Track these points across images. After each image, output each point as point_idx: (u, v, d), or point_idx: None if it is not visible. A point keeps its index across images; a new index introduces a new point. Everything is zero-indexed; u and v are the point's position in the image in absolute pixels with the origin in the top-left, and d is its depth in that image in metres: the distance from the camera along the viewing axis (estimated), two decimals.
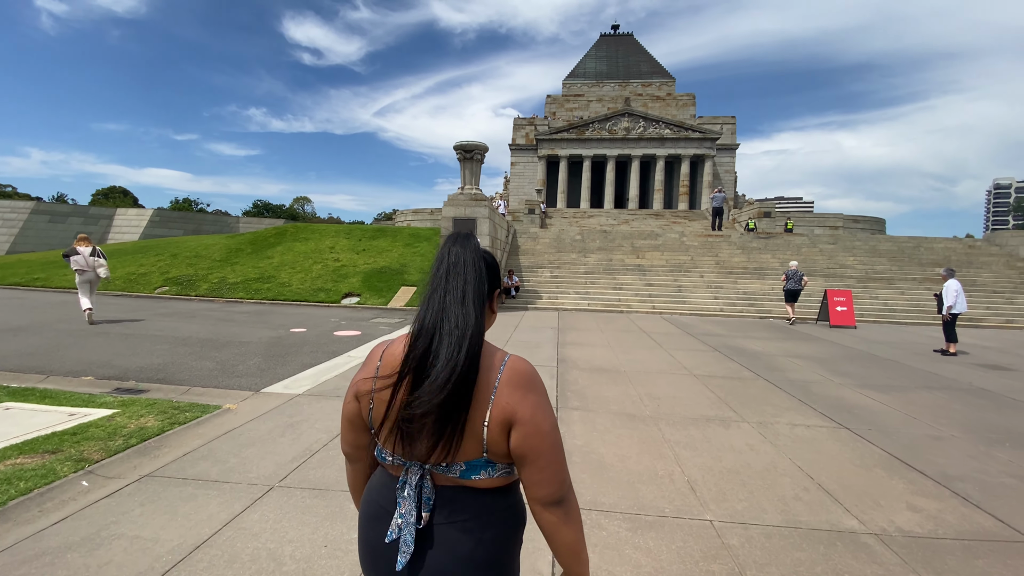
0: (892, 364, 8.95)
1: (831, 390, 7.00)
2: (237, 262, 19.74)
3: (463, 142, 15.15)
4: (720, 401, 6.23)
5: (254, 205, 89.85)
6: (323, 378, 6.88)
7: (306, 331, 10.83)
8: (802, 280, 14.18)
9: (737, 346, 10.29)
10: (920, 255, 19.84)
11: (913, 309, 15.73)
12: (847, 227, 30.48)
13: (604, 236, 22.80)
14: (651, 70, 61.36)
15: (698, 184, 50.72)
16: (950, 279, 10.25)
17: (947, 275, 10.34)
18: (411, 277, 17.67)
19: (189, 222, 40.15)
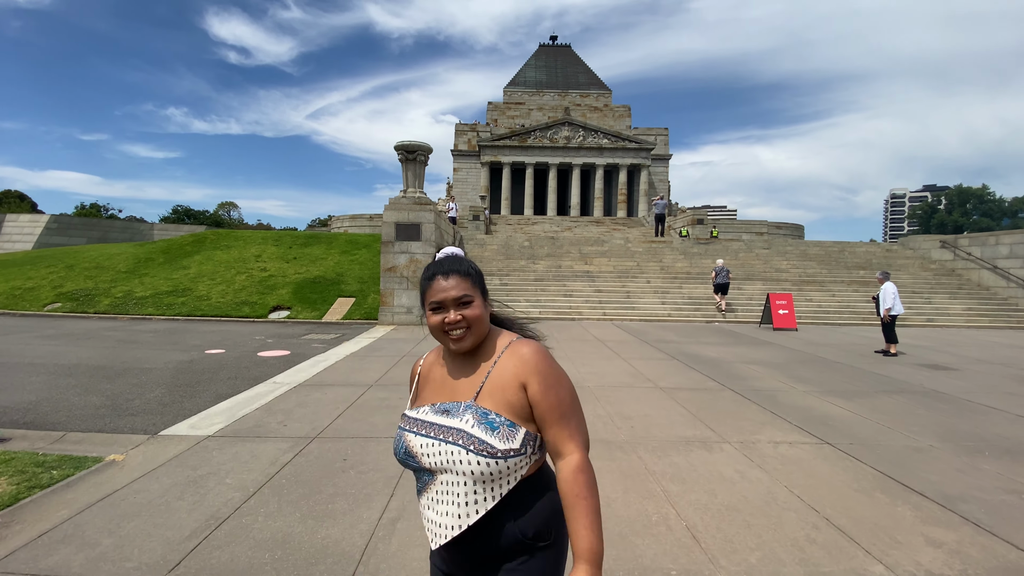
0: (843, 368, 9.00)
1: (798, 399, 6.78)
2: (147, 273, 17.58)
3: (405, 142, 14.22)
4: (694, 418, 5.78)
5: (173, 211, 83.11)
6: (241, 412, 5.78)
7: (224, 352, 9.48)
8: (728, 275, 15.96)
9: (693, 353, 10.07)
10: (845, 259, 21.04)
11: (844, 310, 16.48)
12: (771, 233, 32.16)
13: (552, 242, 22.50)
14: (588, 81, 62.78)
15: (635, 192, 52.18)
16: (886, 282, 10.60)
17: (883, 278, 10.68)
18: (349, 287, 16.40)
19: (94, 229, 36.00)
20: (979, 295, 17.81)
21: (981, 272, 18.72)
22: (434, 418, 1.31)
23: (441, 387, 1.38)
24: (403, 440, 1.34)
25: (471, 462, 1.22)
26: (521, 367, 1.30)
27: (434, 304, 1.33)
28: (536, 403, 1.27)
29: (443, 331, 1.33)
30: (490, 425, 1.25)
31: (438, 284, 1.34)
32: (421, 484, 1.33)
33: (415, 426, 1.33)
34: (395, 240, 14.18)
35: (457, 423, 1.27)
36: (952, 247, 20.18)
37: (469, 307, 1.33)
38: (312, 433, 5.07)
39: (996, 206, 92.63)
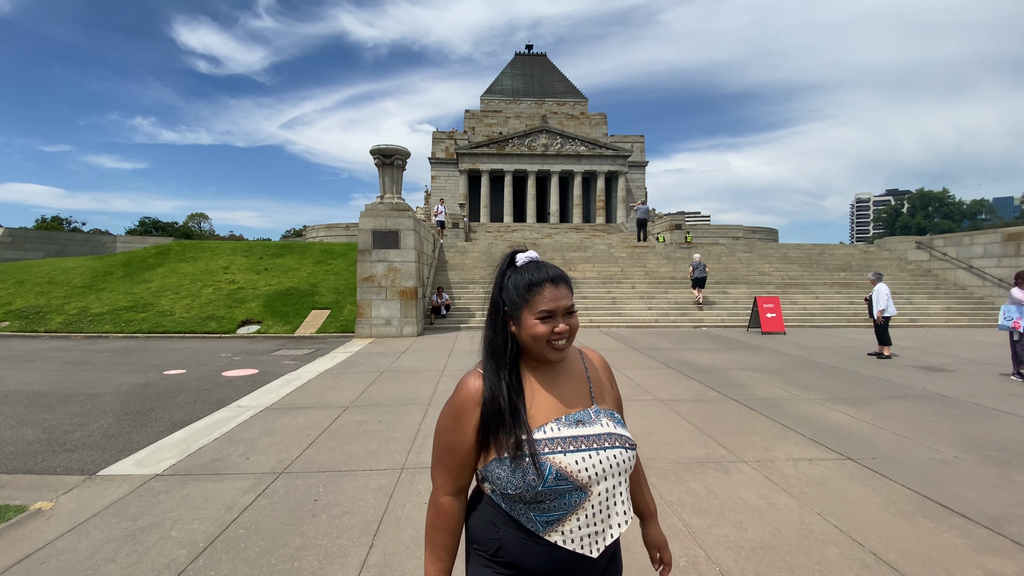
0: (842, 372, 8.73)
1: (804, 408, 6.41)
2: (105, 288, 16.48)
3: (382, 146, 13.61)
4: (702, 434, 5.34)
5: (140, 223, 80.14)
6: (197, 444, 5.11)
7: (185, 373, 8.70)
8: (704, 268, 16.83)
9: (687, 360, 9.70)
10: (825, 261, 21.17)
11: (829, 312, 16.43)
12: (747, 237, 32.42)
13: (534, 248, 21.99)
14: (565, 90, 63.07)
15: (613, 199, 52.41)
16: (879, 283, 10.44)
17: (876, 279, 10.53)
18: (324, 299, 15.64)
19: (52, 243, 34.11)
20: (956, 294, 18.03)
21: (957, 272, 19.00)
22: (573, 431, 1.28)
23: (547, 401, 1.32)
24: (550, 465, 1.22)
25: (627, 459, 1.30)
26: (605, 370, 1.46)
27: (545, 313, 1.29)
28: (617, 401, 1.44)
29: (548, 341, 1.29)
30: (619, 422, 1.36)
31: (551, 292, 1.30)
32: (561, 510, 1.23)
33: (558, 445, 1.25)
34: (372, 248, 13.52)
35: (600, 428, 1.30)
36: (928, 248, 20.48)
37: (573, 316, 1.33)
38: (278, 467, 4.44)
39: (956, 208, 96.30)
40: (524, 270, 1.34)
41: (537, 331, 1.28)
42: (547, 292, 1.29)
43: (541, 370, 1.35)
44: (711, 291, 17.89)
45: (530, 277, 1.31)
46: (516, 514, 1.25)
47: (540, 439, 1.24)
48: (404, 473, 4.28)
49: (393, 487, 4.01)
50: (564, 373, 1.37)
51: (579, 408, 1.32)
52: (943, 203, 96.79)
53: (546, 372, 1.35)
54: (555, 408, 1.31)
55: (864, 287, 18.47)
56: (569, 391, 1.35)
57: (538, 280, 1.30)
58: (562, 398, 1.33)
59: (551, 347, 1.29)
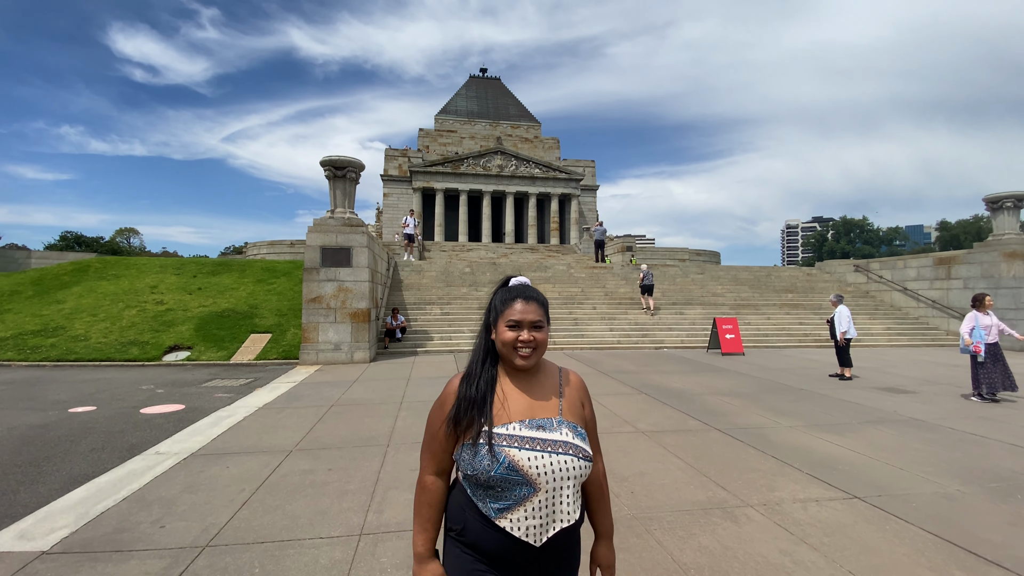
0: (812, 396, 8.63)
1: (789, 437, 6.13)
2: (9, 309, 14.44)
3: (333, 157, 12.73)
4: (696, 473, 4.88)
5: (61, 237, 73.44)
6: (100, 506, 4.11)
7: (95, 410, 7.43)
8: (652, 277, 18.18)
9: (657, 384, 9.36)
10: (773, 282, 21.89)
11: (781, 333, 16.80)
12: (692, 259, 33.43)
13: (494, 268, 21.53)
14: (519, 113, 63.91)
15: (567, 221, 53.05)
16: (840, 305, 10.59)
17: (837, 301, 10.68)
18: (264, 321, 14.34)
19: None
20: (894, 315, 18.99)
21: (892, 294, 20.09)
22: (532, 433, 1.45)
23: (518, 405, 1.50)
24: (505, 456, 1.40)
25: (578, 467, 1.45)
26: (581, 391, 1.63)
27: (512, 322, 1.50)
28: (587, 420, 1.60)
29: (513, 347, 1.50)
30: (580, 435, 1.50)
31: (520, 306, 1.52)
32: (512, 499, 1.41)
33: (515, 442, 1.42)
34: (320, 266, 12.50)
35: (558, 436, 1.46)
36: (865, 271, 21.62)
37: (540, 331, 1.52)
38: (202, 538, 3.56)
39: (874, 235, 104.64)
40: (510, 288, 1.59)
41: (505, 336, 1.50)
42: (518, 305, 1.51)
43: (518, 378, 1.54)
44: (668, 312, 17.94)
45: (510, 293, 1.56)
46: (477, 499, 1.44)
47: (501, 433, 1.43)
48: (363, 541, 3.51)
49: (350, 562, 3.24)
50: (538, 384, 1.55)
51: (545, 416, 1.49)
52: (863, 229, 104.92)
53: (522, 381, 1.54)
54: (522, 411, 1.48)
55: (811, 309, 19.14)
56: (539, 400, 1.52)
57: (513, 295, 1.54)
58: (530, 405, 1.50)
59: (517, 354, 1.50)
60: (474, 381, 1.52)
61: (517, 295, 1.54)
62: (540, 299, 1.55)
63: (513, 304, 1.52)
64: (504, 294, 1.57)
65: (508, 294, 1.56)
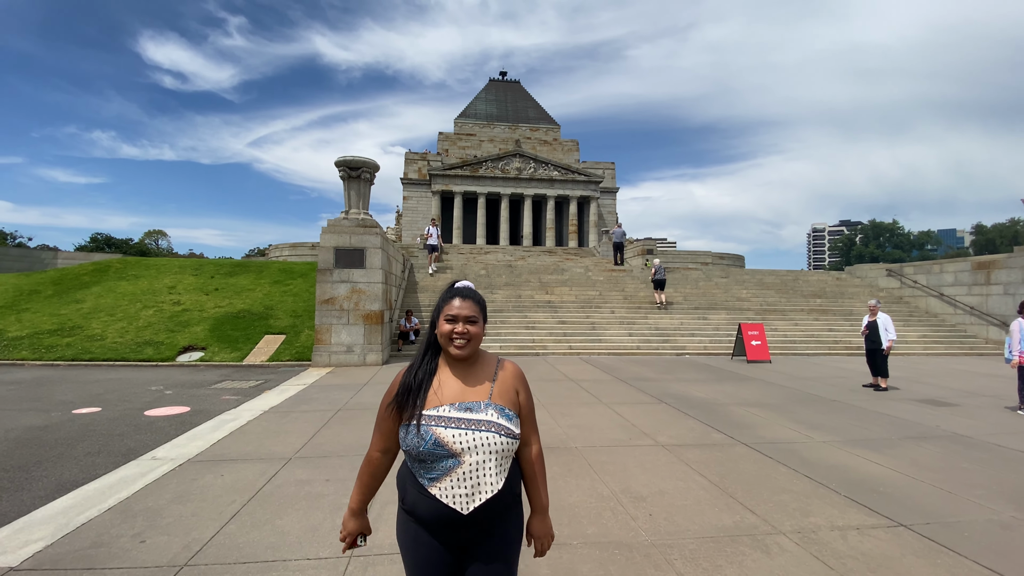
0: (846, 408, 8.07)
1: (823, 453, 5.64)
2: (28, 308, 14.66)
3: (348, 158, 12.59)
4: (721, 493, 4.46)
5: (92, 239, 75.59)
6: (82, 517, 3.89)
7: (99, 411, 7.33)
8: (664, 271, 18.55)
9: (679, 394, 8.90)
10: (800, 287, 21.08)
11: (810, 340, 16.08)
12: (715, 263, 32.54)
13: (510, 271, 21.22)
14: (538, 116, 63.69)
15: (585, 224, 52.50)
16: (880, 312, 9.98)
17: (878, 307, 10.04)
18: (279, 322, 14.28)
19: None
20: (929, 322, 18.06)
21: (928, 299, 19.12)
22: (460, 414, 1.67)
23: (451, 391, 1.72)
24: (432, 434, 1.63)
25: (500, 443, 1.66)
26: (515, 379, 1.83)
27: (449, 316, 1.75)
28: (522, 405, 1.81)
29: (449, 338, 1.74)
30: (507, 416, 1.71)
31: (457, 302, 1.77)
32: (440, 470, 1.64)
33: (443, 422, 1.65)
34: (334, 267, 12.35)
35: (483, 416, 1.68)
36: (898, 275, 20.66)
37: (474, 325, 1.76)
38: (181, 556, 3.30)
39: (905, 239, 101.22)
40: (452, 289, 1.84)
41: (442, 328, 1.75)
42: (455, 302, 1.77)
43: (456, 367, 1.78)
44: (690, 317, 17.36)
45: (451, 292, 1.81)
46: (414, 471, 1.69)
47: (430, 415, 1.67)
48: (353, 565, 3.20)
49: None
50: (473, 373, 1.78)
51: (474, 399, 1.71)
52: (894, 233, 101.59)
53: (459, 369, 1.78)
54: (454, 396, 1.72)
55: (841, 314, 18.31)
56: (471, 386, 1.74)
57: (453, 294, 1.80)
58: (462, 390, 1.73)
59: (452, 344, 1.74)
60: (413, 371, 1.77)
61: (456, 294, 1.79)
62: (476, 298, 1.81)
63: (451, 301, 1.77)
64: (446, 293, 1.82)
65: (449, 293, 1.81)
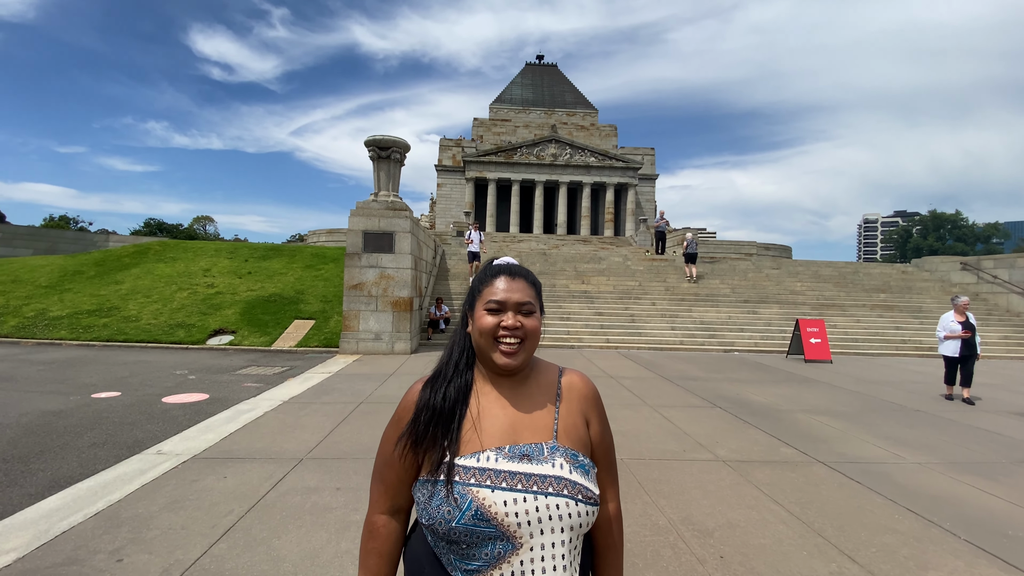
0: (933, 420, 6.99)
1: (921, 479, 4.70)
2: (70, 289, 14.93)
3: (377, 137, 12.06)
4: (807, 529, 3.63)
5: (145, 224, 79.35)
6: (65, 523, 3.44)
7: (118, 396, 7.06)
8: (696, 246, 18.56)
9: (734, 397, 7.98)
10: (861, 280, 19.41)
11: (874, 338, 14.68)
12: (760, 254, 30.70)
13: (544, 259, 20.44)
14: (575, 100, 62.06)
15: (622, 211, 50.91)
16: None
17: (967, 305, 8.77)
18: (309, 307, 14.02)
19: (41, 240, 32.82)
20: (1012, 322, 16.23)
21: (1010, 296, 17.21)
22: (514, 466, 1.03)
23: (497, 424, 1.09)
24: (471, 499, 0.99)
25: (580, 513, 1.03)
26: (586, 400, 1.20)
27: (493, 304, 1.12)
28: (595, 443, 1.18)
29: (494, 337, 1.10)
30: (583, 468, 1.08)
31: (503, 283, 1.14)
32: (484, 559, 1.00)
33: (489, 479, 1.01)
34: (362, 252, 11.90)
35: (549, 469, 1.04)
36: (975, 269, 18.72)
37: (530, 316, 1.13)
38: None
39: (969, 231, 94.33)
40: (491, 266, 1.21)
41: (483, 323, 1.11)
42: (499, 282, 1.14)
43: (499, 386, 1.15)
44: (739, 311, 16.15)
45: (491, 270, 1.18)
46: (441, 554, 1.04)
47: (469, 466, 1.03)
48: None
49: None
50: (526, 395, 1.14)
51: (533, 440, 1.08)
52: (956, 225, 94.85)
53: (504, 389, 1.14)
54: (501, 434, 1.08)
55: (909, 311, 16.68)
56: (526, 417, 1.11)
57: (495, 271, 1.17)
58: (513, 424, 1.10)
59: (498, 348, 1.10)
60: (441, 386, 1.14)
61: (500, 271, 1.17)
62: (531, 278, 1.18)
63: (494, 282, 1.15)
64: (484, 271, 1.20)
65: (490, 271, 1.19)
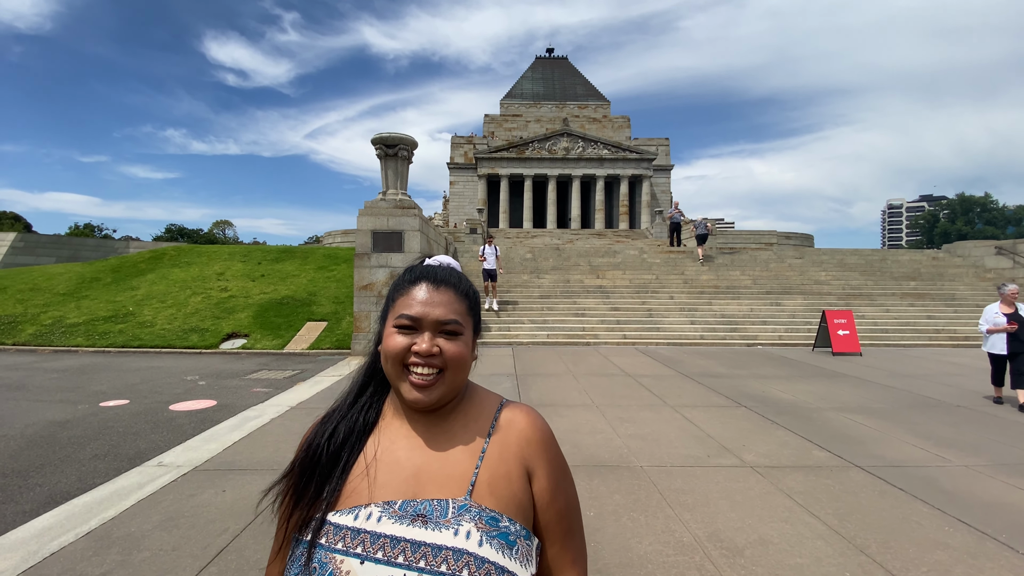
0: (976, 416, 6.52)
1: (969, 484, 4.30)
2: (87, 296, 15.09)
3: (384, 135, 11.86)
4: (848, 545, 3.29)
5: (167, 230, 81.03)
6: (56, 543, 3.29)
7: (126, 404, 6.97)
8: (706, 227, 19.44)
9: (759, 395, 7.59)
10: (889, 268, 18.67)
11: (905, 329, 14.04)
12: (780, 243, 29.81)
13: (557, 254, 20.10)
14: (587, 93, 61.30)
15: (637, 204, 50.18)
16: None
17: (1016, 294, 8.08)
18: (321, 308, 13.93)
19: (63, 248, 33.56)
20: None
21: None
22: (401, 529, 0.76)
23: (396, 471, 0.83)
24: (331, 571, 0.73)
25: None
26: (524, 445, 0.87)
27: (405, 320, 0.84)
28: (542, 505, 0.85)
29: (403, 364, 0.83)
30: (504, 538, 0.77)
31: (422, 292, 0.86)
32: None
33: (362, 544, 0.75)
34: (372, 252, 11.74)
35: (447, 538, 0.75)
36: (1011, 253, 17.85)
37: (454, 340, 0.85)
38: None
39: (999, 214, 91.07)
40: (413, 267, 0.92)
41: (390, 344, 0.84)
42: (418, 291, 0.86)
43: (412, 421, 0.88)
44: (762, 303, 15.61)
45: (413, 274, 0.90)
46: None
47: (342, 524, 0.78)
48: None
49: None
50: (445, 435, 0.87)
51: (437, 495, 0.80)
52: (985, 208, 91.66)
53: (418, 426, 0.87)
54: (399, 485, 0.81)
55: (942, 299, 15.95)
56: (436, 464, 0.83)
57: (416, 275, 0.89)
58: (419, 473, 0.82)
59: (408, 379, 0.83)
60: (331, 424, 0.89)
61: (422, 276, 0.88)
62: (462, 287, 0.89)
63: (411, 290, 0.86)
64: (403, 275, 0.90)
65: (409, 274, 0.89)
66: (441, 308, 0.85)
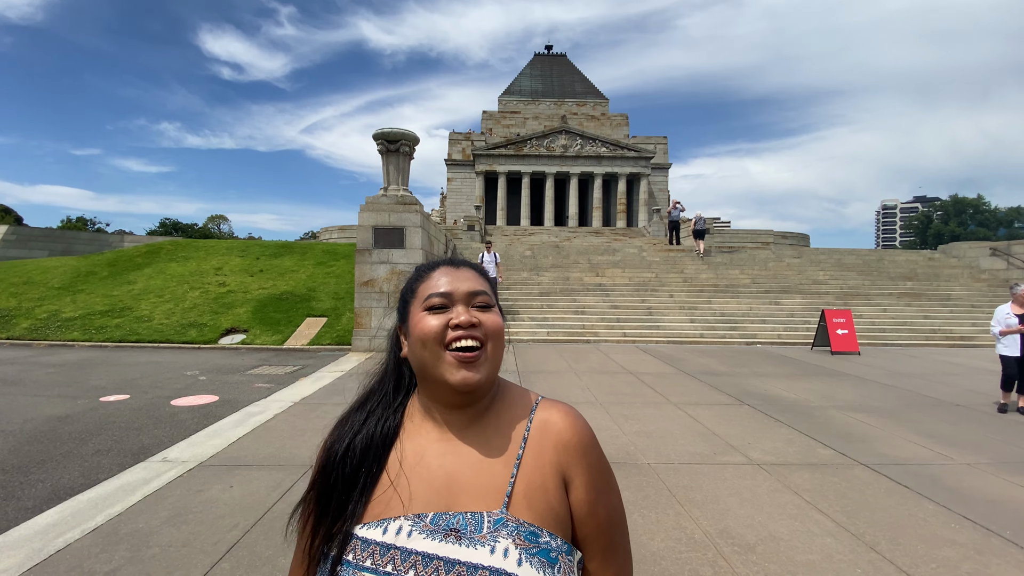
0: (975, 415, 6.58)
1: (974, 482, 4.34)
2: (83, 290, 14.96)
3: (386, 130, 11.80)
4: (857, 541, 3.31)
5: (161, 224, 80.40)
6: (60, 540, 3.26)
7: (127, 399, 6.92)
8: (705, 222, 20.21)
9: (761, 392, 7.63)
10: (886, 268, 18.79)
11: (902, 328, 14.14)
12: (777, 242, 29.94)
13: (557, 252, 20.10)
14: (585, 90, 61.27)
15: (635, 202, 50.25)
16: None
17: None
18: (321, 304, 13.87)
19: (57, 241, 33.17)
20: None
21: None
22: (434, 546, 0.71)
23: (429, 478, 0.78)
24: None
25: None
26: (562, 451, 0.80)
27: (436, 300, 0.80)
28: (580, 516, 0.79)
29: (442, 343, 0.78)
30: (545, 555, 0.71)
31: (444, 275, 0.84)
32: None
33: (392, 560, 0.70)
34: (373, 247, 11.68)
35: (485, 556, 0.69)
36: (1006, 255, 18.01)
37: (489, 311, 0.82)
38: None
39: (992, 216, 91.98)
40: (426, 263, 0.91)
41: (424, 328, 0.79)
42: (439, 274, 0.84)
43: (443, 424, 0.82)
44: (761, 301, 15.68)
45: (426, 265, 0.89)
46: None
47: (371, 539, 0.73)
48: None
49: None
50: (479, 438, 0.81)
51: (471, 507, 0.74)
52: (978, 210, 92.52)
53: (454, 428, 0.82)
54: (432, 495, 0.76)
55: (937, 299, 16.08)
56: (470, 472, 0.78)
57: (432, 265, 0.88)
58: (451, 482, 0.77)
59: (453, 357, 0.77)
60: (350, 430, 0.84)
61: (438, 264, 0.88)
62: (480, 269, 0.89)
63: (432, 275, 0.85)
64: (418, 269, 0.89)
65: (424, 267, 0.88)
66: (468, 282, 0.84)
